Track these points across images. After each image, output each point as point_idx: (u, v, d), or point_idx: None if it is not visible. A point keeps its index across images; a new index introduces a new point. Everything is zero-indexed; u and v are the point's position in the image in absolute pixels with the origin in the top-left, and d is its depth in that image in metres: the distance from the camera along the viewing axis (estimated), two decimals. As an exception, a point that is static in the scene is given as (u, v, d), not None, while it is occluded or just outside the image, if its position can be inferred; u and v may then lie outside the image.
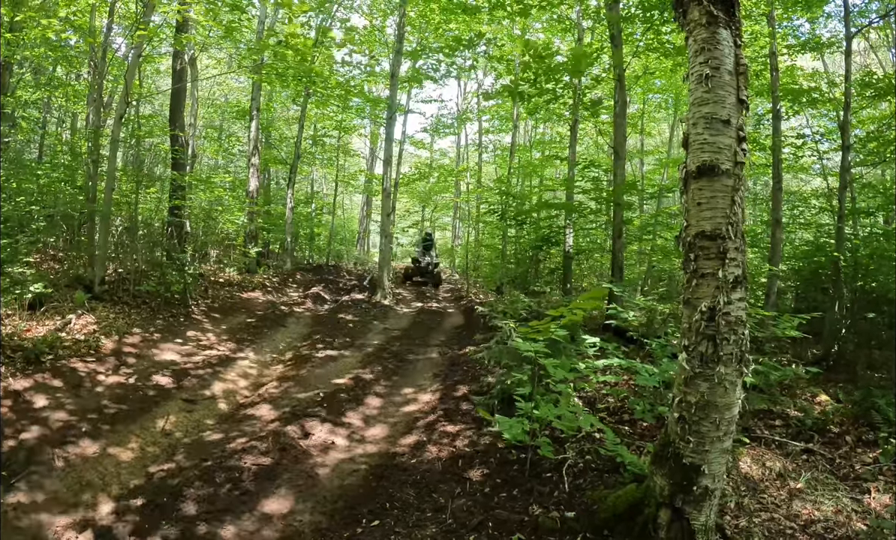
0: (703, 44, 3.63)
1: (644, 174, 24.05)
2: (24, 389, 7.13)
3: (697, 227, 3.55)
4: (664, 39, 13.03)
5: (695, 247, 3.56)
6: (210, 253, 19.33)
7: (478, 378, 8.14)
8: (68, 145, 19.77)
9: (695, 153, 3.59)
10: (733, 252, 3.46)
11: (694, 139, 3.61)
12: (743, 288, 3.51)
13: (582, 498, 4.40)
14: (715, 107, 3.55)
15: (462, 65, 22.40)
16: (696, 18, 3.68)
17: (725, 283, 3.44)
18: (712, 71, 3.57)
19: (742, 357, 3.51)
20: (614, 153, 12.63)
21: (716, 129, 3.53)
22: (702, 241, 3.52)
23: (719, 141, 3.52)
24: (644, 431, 5.74)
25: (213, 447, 6.06)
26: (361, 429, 6.79)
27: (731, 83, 3.59)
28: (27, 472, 5.35)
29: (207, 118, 27.94)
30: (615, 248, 12.20)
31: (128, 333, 10.20)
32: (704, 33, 3.63)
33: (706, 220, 3.51)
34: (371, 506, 4.81)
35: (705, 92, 3.57)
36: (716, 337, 3.45)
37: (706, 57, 3.60)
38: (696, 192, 3.57)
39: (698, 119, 3.59)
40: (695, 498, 3.56)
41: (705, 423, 3.52)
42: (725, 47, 3.61)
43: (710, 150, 3.52)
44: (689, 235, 3.60)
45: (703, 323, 3.48)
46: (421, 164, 34.52)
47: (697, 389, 3.51)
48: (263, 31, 20.41)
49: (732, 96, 3.58)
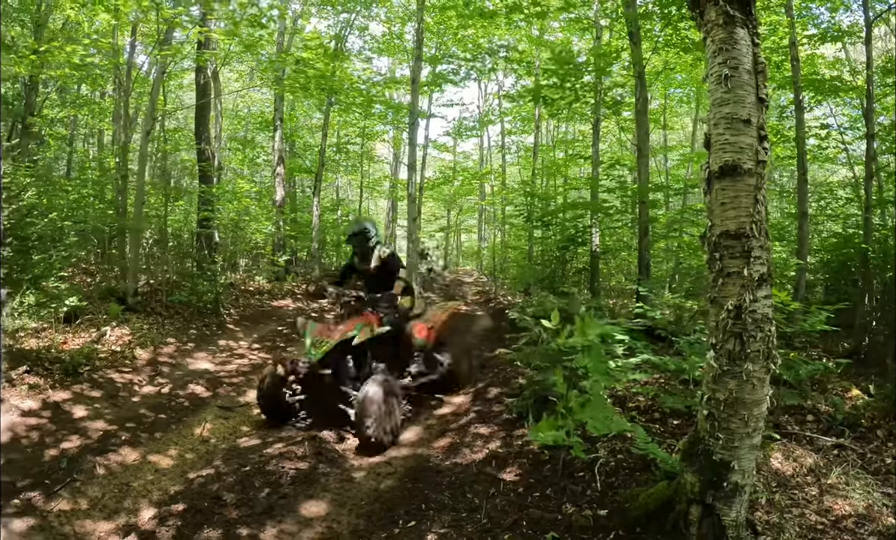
0: (721, 44, 3.65)
1: (668, 170, 23.92)
2: (63, 401, 7.32)
3: (722, 226, 3.59)
4: (683, 35, 12.99)
5: (720, 246, 3.59)
6: (239, 262, 19.58)
7: (509, 380, 8.17)
8: (97, 161, 20.12)
9: (717, 153, 3.63)
10: (758, 250, 3.49)
11: (715, 139, 3.65)
12: (768, 285, 3.54)
13: (614, 496, 4.45)
14: (735, 107, 3.58)
15: (482, 68, 22.42)
16: (713, 19, 3.70)
17: (751, 281, 3.47)
18: (731, 71, 3.60)
19: (769, 354, 3.54)
20: (637, 151, 12.61)
21: (737, 129, 3.56)
22: (726, 240, 3.55)
23: (741, 141, 3.55)
24: (675, 429, 5.76)
25: (251, 453, 6.16)
26: (396, 432, 6.90)
27: (751, 82, 3.61)
28: (69, 479, 5.49)
29: (231, 130, 28.23)
30: (641, 246, 12.18)
31: (162, 344, 10.41)
32: (722, 33, 3.66)
33: (730, 220, 3.55)
34: (407, 507, 4.90)
35: (725, 92, 3.60)
36: (743, 334, 3.49)
37: (724, 57, 3.63)
38: (719, 191, 3.61)
39: (719, 119, 3.62)
40: (725, 494, 3.60)
41: (734, 419, 3.56)
42: (743, 46, 3.63)
43: (731, 150, 3.56)
44: (713, 235, 3.64)
45: (729, 321, 3.51)
46: (445, 168, 34.60)
47: (726, 387, 3.55)
48: (283, 41, 20.66)
49: (752, 95, 3.61)
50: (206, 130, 17.57)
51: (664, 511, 3.89)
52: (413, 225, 18.14)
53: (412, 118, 17.95)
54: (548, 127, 29.62)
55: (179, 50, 14.79)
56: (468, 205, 35.51)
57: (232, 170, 28.23)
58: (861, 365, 8.55)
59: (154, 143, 15.08)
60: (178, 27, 13.34)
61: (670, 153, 24.37)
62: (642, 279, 11.61)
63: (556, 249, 17.32)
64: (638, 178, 12.82)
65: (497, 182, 30.40)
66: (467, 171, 33.29)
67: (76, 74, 16.60)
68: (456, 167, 34.31)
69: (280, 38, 20.57)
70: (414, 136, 18.51)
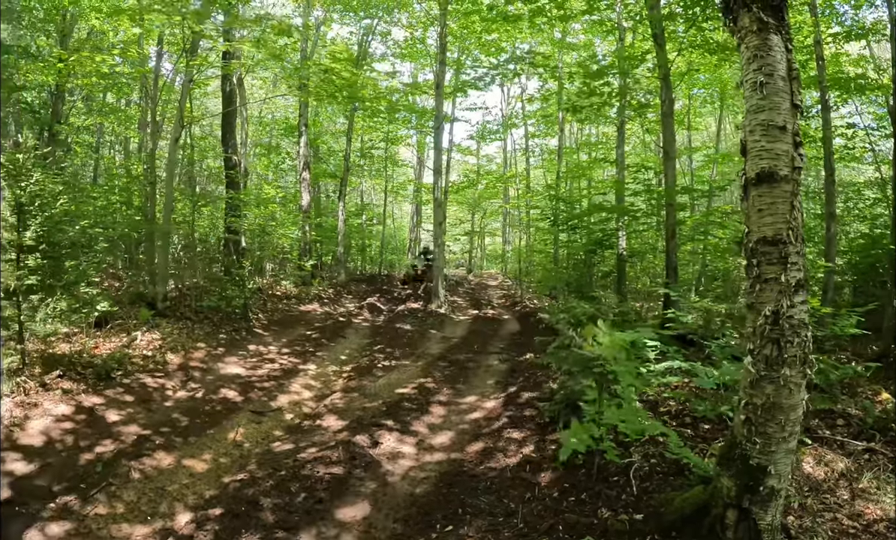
0: (756, 50, 3.66)
1: (693, 171, 23.80)
2: (97, 405, 7.43)
3: (759, 233, 3.59)
4: (708, 36, 12.94)
5: (757, 252, 3.60)
6: (266, 267, 19.74)
7: (540, 384, 8.19)
8: (123, 167, 20.38)
9: (753, 160, 3.64)
10: (794, 256, 3.50)
11: (752, 146, 3.65)
12: (805, 291, 3.55)
13: (649, 501, 4.45)
14: (771, 113, 3.58)
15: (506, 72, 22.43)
16: (747, 25, 3.71)
17: (788, 287, 3.48)
18: (766, 78, 3.60)
19: (806, 359, 3.54)
20: (664, 153, 12.59)
21: (773, 136, 3.57)
22: (764, 246, 3.56)
23: (776, 147, 3.56)
24: (706, 434, 5.74)
25: (285, 457, 6.22)
26: (428, 437, 6.91)
27: (785, 89, 3.62)
28: (105, 483, 5.57)
29: (256, 136, 28.47)
30: (669, 248, 12.13)
31: (192, 348, 10.54)
32: (756, 40, 3.66)
33: (767, 226, 3.56)
34: (444, 512, 4.93)
35: (760, 99, 3.61)
36: (780, 340, 3.50)
37: (759, 64, 3.64)
38: (756, 198, 3.62)
39: (755, 126, 3.63)
40: (761, 498, 3.60)
41: (771, 424, 3.56)
42: (777, 53, 3.63)
43: (767, 157, 3.57)
44: (750, 241, 3.64)
45: (767, 327, 3.52)
46: (469, 171, 34.59)
47: (763, 392, 3.56)
48: (307, 48, 20.81)
49: (787, 102, 3.61)
50: (233, 137, 17.74)
51: (700, 515, 3.90)
52: (439, 229, 18.20)
53: (437, 122, 18.02)
54: (571, 129, 29.58)
55: (206, 59, 14.96)
56: (492, 208, 35.47)
57: (257, 175, 28.48)
58: (890, 368, 8.44)
59: (182, 150, 15.24)
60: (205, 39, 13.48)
61: (694, 154, 24.25)
62: (670, 282, 11.57)
63: (582, 253, 17.29)
64: (665, 180, 12.76)
65: (521, 185, 30.39)
66: (491, 175, 33.26)
67: (102, 83, 16.86)
68: (480, 171, 34.30)
69: (304, 45, 20.73)
70: (439, 141, 18.58)
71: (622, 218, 15.88)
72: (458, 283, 25.87)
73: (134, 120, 22.67)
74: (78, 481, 5.61)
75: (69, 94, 19.66)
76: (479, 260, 39.88)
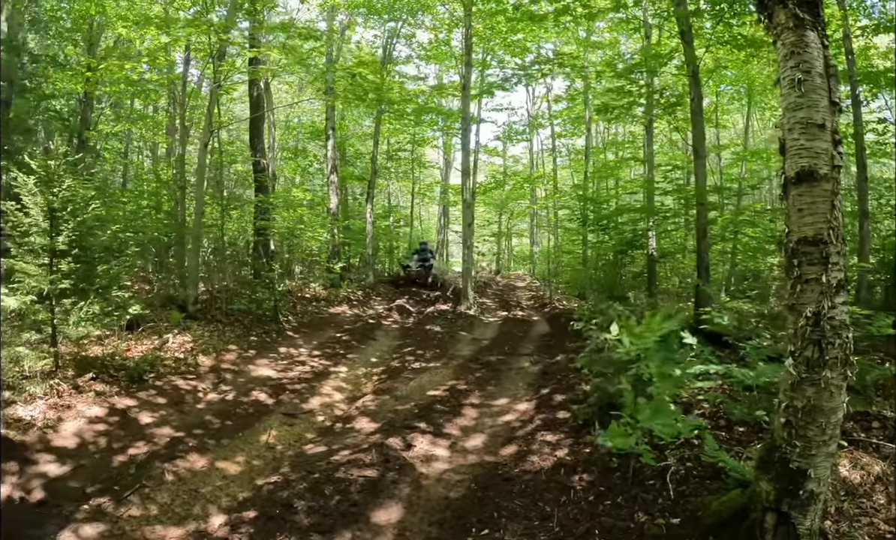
0: (792, 47, 3.61)
1: (722, 169, 23.57)
2: (130, 407, 7.54)
3: (799, 232, 3.54)
4: (736, 32, 12.81)
5: (798, 252, 3.54)
6: (294, 270, 19.86)
7: (572, 386, 8.14)
8: (152, 172, 20.66)
9: (792, 159, 3.58)
10: (835, 256, 3.44)
11: (791, 145, 3.60)
12: (845, 291, 3.50)
13: (686, 505, 4.41)
14: (809, 111, 3.53)
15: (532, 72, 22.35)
16: (783, 22, 3.66)
17: (829, 287, 3.43)
18: (804, 75, 3.56)
19: (846, 361, 3.49)
20: (694, 152, 12.45)
21: (812, 134, 3.51)
22: (804, 246, 3.51)
23: (816, 146, 3.50)
24: (740, 436, 5.66)
25: (318, 460, 6.25)
26: (461, 439, 6.89)
27: (823, 86, 3.56)
28: (139, 485, 5.64)
29: (282, 140, 28.69)
30: (700, 248, 12.00)
31: (224, 351, 10.65)
32: (792, 37, 3.62)
33: (807, 226, 3.50)
34: (479, 515, 4.90)
35: (798, 97, 3.56)
36: (821, 341, 3.44)
37: (796, 61, 3.59)
38: (796, 198, 3.57)
39: (794, 124, 3.58)
40: (801, 502, 3.55)
41: (812, 427, 3.51)
42: (814, 50, 3.58)
43: (807, 155, 3.51)
44: (791, 241, 3.59)
45: (808, 328, 3.47)
46: (495, 172, 34.55)
47: (804, 394, 3.51)
48: (332, 52, 20.92)
49: (825, 99, 3.56)
50: (261, 141, 17.89)
51: (738, 519, 3.86)
52: (468, 231, 18.16)
53: (464, 124, 18.03)
54: (597, 128, 29.41)
55: (233, 64, 15.10)
56: (518, 209, 35.37)
57: (285, 178, 28.68)
58: (924, 369, 8.29)
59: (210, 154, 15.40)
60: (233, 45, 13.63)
61: (723, 151, 24.02)
62: (702, 282, 11.45)
63: (612, 253, 17.19)
64: (695, 179, 12.63)
65: (549, 186, 30.27)
66: (518, 175, 33.16)
67: (130, 90, 17.09)
68: (506, 171, 34.23)
69: (329, 49, 20.84)
70: (467, 142, 18.58)
71: (652, 218, 15.75)
72: (487, 284, 25.81)
73: (162, 126, 22.95)
74: (111, 483, 5.68)
75: (97, 101, 19.96)
76: (507, 261, 39.74)
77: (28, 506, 5.18)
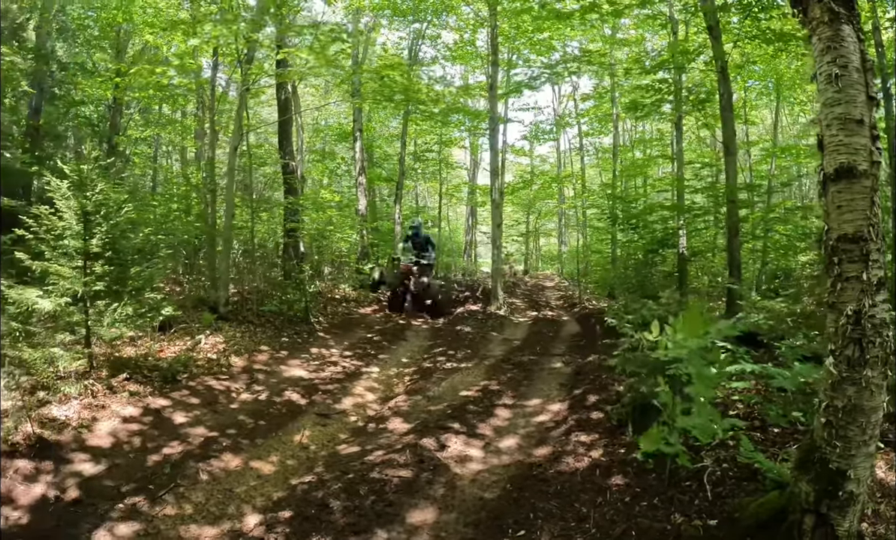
0: (829, 42, 3.57)
1: (751, 165, 23.31)
2: (163, 407, 7.58)
3: (839, 230, 3.49)
4: (764, 26, 12.67)
5: (837, 250, 3.50)
6: (324, 270, 19.97)
7: (605, 387, 8.07)
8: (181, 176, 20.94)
9: (831, 155, 3.54)
10: (875, 254, 3.40)
11: (829, 141, 3.56)
12: (885, 289, 3.45)
13: (723, 506, 4.37)
14: (847, 107, 3.49)
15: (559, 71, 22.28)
16: (818, 16, 3.63)
17: (869, 285, 3.38)
18: (841, 70, 3.51)
19: (887, 360, 3.44)
20: (724, 149, 12.34)
21: (850, 130, 3.47)
22: (844, 244, 3.46)
23: (854, 142, 3.46)
24: (775, 438, 5.58)
25: (352, 460, 6.27)
26: (495, 440, 6.85)
27: (860, 81, 3.52)
28: (173, 485, 5.68)
29: (310, 142, 28.92)
30: (732, 247, 11.86)
31: (256, 351, 10.70)
32: (828, 31, 3.58)
33: (847, 223, 3.46)
34: (515, 516, 4.88)
35: (836, 92, 3.52)
36: (862, 340, 3.39)
37: (833, 56, 3.55)
38: (835, 195, 3.52)
39: (832, 120, 3.53)
40: (840, 503, 3.51)
41: (852, 427, 3.46)
42: (850, 44, 3.54)
43: (846, 151, 3.47)
44: (830, 239, 3.55)
45: (849, 326, 3.42)
46: (523, 172, 34.49)
47: (844, 394, 3.46)
48: (359, 54, 21.04)
49: (862, 94, 3.51)
50: (289, 144, 18.03)
51: (776, 521, 3.82)
52: (498, 231, 18.12)
53: (492, 124, 18.00)
54: (624, 126, 29.25)
55: (261, 67, 15.23)
56: (546, 208, 35.28)
57: (312, 180, 28.89)
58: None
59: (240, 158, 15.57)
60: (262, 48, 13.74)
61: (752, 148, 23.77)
62: (734, 281, 11.34)
63: (640, 253, 17.07)
64: (726, 177, 12.50)
65: (577, 185, 30.15)
66: (546, 175, 33.09)
67: (159, 95, 17.33)
68: (533, 171, 34.15)
69: (355, 52, 20.95)
70: (495, 142, 18.57)
71: (683, 216, 15.62)
72: (515, 284, 25.76)
73: (190, 130, 23.25)
74: (146, 482, 5.71)
75: (126, 107, 20.30)
76: (535, 261, 39.67)
77: (63, 504, 5.23)
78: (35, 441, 5.90)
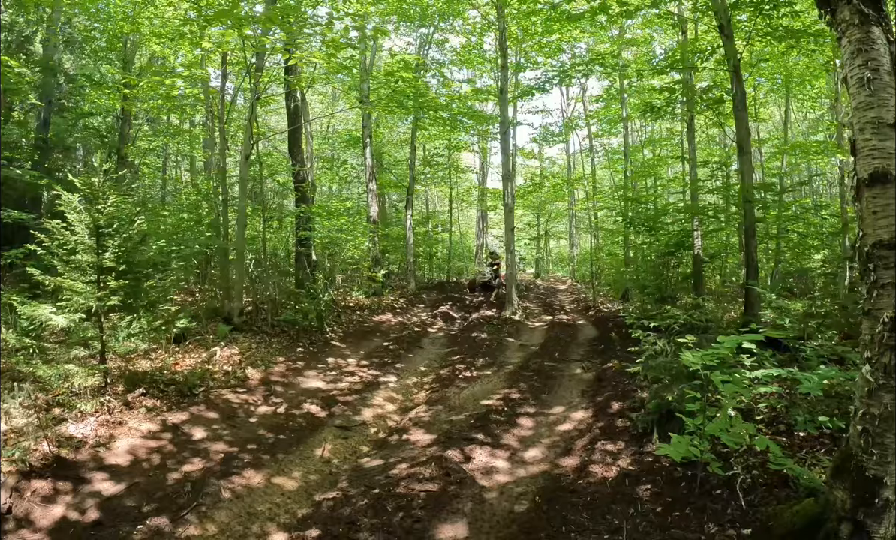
0: (859, 44, 3.54)
1: (762, 163, 23.18)
2: (182, 422, 7.48)
3: (874, 236, 3.45)
4: (775, 23, 12.58)
5: (873, 256, 3.45)
6: (336, 278, 19.96)
7: (628, 393, 7.99)
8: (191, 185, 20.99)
9: (865, 160, 3.49)
10: (912, 260, 3.35)
11: (862, 146, 3.51)
12: (922, 296, 3.40)
13: (755, 514, 4.31)
14: (880, 111, 3.45)
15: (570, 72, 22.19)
16: (847, 18, 3.59)
17: (906, 292, 3.34)
18: (872, 73, 3.48)
19: (923, 367, 3.40)
20: (738, 148, 12.24)
21: (884, 134, 3.43)
22: (880, 250, 3.42)
23: (888, 146, 3.41)
24: (801, 442, 5.51)
25: (376, 474, 6.17)
26: (520, 450, 6.78)
27: (892, 84, 3.48)
28: (195, 504, 5.49)
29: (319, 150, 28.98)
30: (749, 248, 11.77)
31: (272, 362, 10.63)
32: (858, 33, 3.54)
33: (882, 229, 3.41)
34: (547, 530, 4.80)
35: (868, 96, 3.48)
36: (899, 347, 3.35)
37: (864, 59, 3.51)
38: (869, 200, 3.47)
39: (864, 124, 3.49)
40: (876, 511, 3.46)
41: (889, 434, 3.42)
42: (881, 46, 3.51)
43: (880, 156, 3.43)
44: (866, 245, 3.50)
45: (885, 333, 3.37)
46: (532, 175, 34.44)
47: (881, 401, 3.42)
48: (367, 61, 21.05)
49: (894, 97, 3.47)
50: (300, 152, 18.01)
51: (812, 529, 3.77)
52: (511, 235, 18.05)
53: (503, 127, 17.94)
54: (633, 126, 29.14)
55: (270, 74, 15.22)
56: (556, 211, 35.20)
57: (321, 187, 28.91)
58: None
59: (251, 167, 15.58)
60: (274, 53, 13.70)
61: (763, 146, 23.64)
62: (751, 282, 11.24)
63: (653, 255, 16.96)
64: (741, 177, 12.41)
65: (588, 186, 30.08)
66: (556, 177, 33.04)
67: (167, 105, 17.34)
68: (543, 173, 34.09)
69: (364, 58, 20.96)
70: (506, 146, 18.51)
71: (697, 218, 15.52)
72: (528, 288, 25.70)
73: (199, 139, 23.32)
74: (167, 502, 5.55)
75: (134, 118, 20.35)
76: (546, 264, 39.57)
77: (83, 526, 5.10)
78: (52, 460, 5.81)
